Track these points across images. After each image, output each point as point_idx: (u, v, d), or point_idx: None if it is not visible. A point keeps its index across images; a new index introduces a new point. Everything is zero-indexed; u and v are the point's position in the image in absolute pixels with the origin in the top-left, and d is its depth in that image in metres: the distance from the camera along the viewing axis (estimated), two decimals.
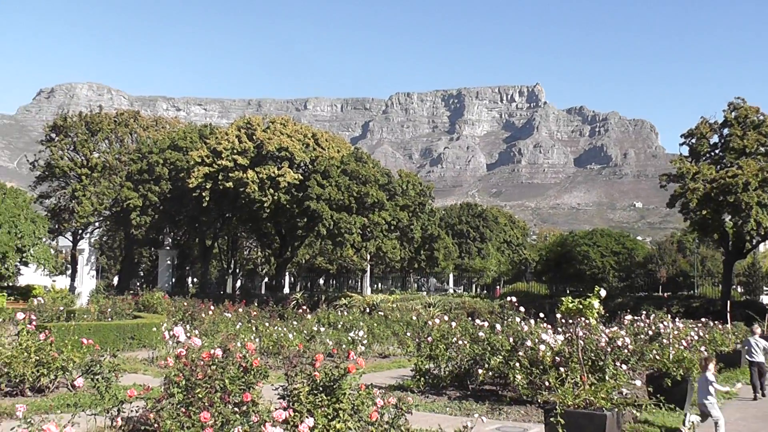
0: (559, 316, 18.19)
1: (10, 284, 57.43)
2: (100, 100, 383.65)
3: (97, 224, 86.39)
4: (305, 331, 26.57)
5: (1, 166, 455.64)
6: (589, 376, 14.71)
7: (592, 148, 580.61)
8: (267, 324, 27.96)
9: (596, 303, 12.92)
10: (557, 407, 11.85)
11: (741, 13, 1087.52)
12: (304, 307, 39.53)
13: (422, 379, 18.81)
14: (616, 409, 12.17)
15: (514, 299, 21.63)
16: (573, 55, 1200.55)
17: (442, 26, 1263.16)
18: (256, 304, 41.95)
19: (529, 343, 17.18)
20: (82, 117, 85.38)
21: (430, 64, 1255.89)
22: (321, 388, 9.25)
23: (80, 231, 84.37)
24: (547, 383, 15.63)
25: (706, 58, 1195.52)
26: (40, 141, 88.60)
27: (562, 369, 15.60)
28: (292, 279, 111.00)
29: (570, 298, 13.59)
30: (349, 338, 25.73)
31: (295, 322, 30.52)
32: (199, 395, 8.87)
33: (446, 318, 22.24)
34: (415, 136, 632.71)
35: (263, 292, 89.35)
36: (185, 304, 38.47)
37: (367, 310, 41.41)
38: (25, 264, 55.82)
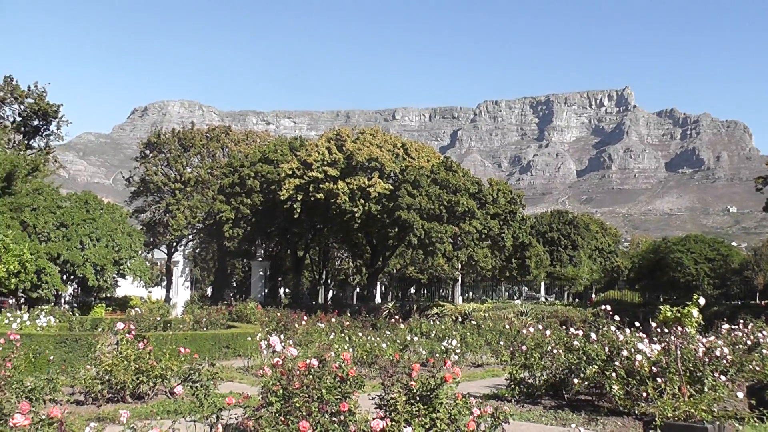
0: (654, 324, 17.89)
1: (108, 295, 58.84)
2: (191, 117, 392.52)
3: (190, 237, 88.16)
4: (398, 341, 26.61)
5: (98, 182, 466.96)
6: (688, 387, 14.42)
7: (683, 151, 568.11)
8: (360, 334, 28.08)
9: (695, 312, 12.68)
10: (656, 419, 11.64)
11: None
12: (397, 317, 39.62)
13: (517, 388, 18.58)
14: (718, 422, 11.84)
15: (608, 307, 21.31)
16: (662, 56, 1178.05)
17: (530, 32, 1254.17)
18: (348, 314, 42.15)
19: (624, 352, 16.80)
20: (175, 133, 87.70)
21: (517, 71, 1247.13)
22: (418, 398, 9.25)
23: (174, 243, 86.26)
24: (644, 394, 15.36)
25: None
26: (135, 158, 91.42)
27: (659, 380, 15.31)
28: (384, 289, 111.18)
29: (668, 306, 13.36)
30: (443, 347, 25.67)
31: (388, 332, 30.55)
32: (297, 404, 8.96)
33: (540, 326, 22.04)
34: (504, 143, 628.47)
35: (355, 302, 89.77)
36: (278, 314, 38.81)
37: (459, 319, 41.32)
38: (122, 276, 57.14)
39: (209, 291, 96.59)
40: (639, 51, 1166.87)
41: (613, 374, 16.37)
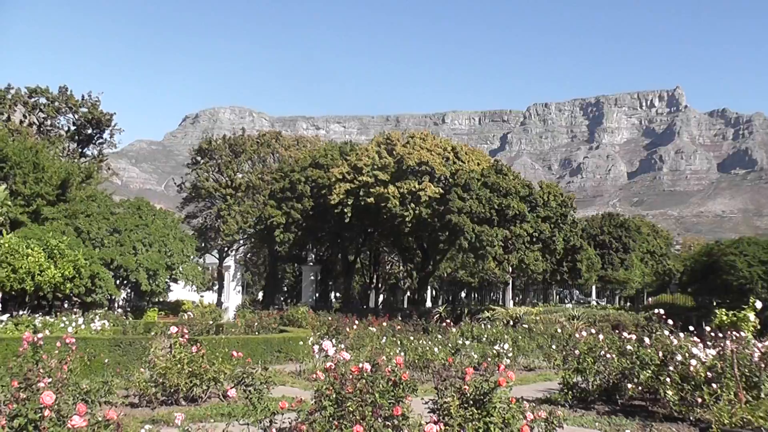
0: (708, 329, 17.61)
1: (161, 300, 59.60)
2: (242, 123, 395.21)
3: (241, 242, 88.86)
4: (450, 345, 26.52)
5: (150, 189, 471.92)
6: (745, 393, 14.20)
7: (736, 152, 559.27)
8: (411, 338, 28.07)
9: (752, 315, 12.48)
10: (713, 426, 11.49)
11: None
12: (448, 321, 39.52)
13: (570, 392, 18.36)
14: None
15: (661, 311, 21.05)
16: (714, 54, 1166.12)
17: (579, 33, 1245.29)
18: (399, 318, 42.19)
19: (679, 357, 16.52)
20: (226, 140, 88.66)
21: (567, 72, 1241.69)
22: (471, 402, 9.22)
23: (226, 248, 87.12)
24: (699, 400, 15.14)
25: None
26: (187, 164, 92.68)
27: (714, 385, 15.09)
28: (434, 292, 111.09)
29: (724, 310, 13.17)
30: (494, 351, 25.55)
31: (439, 336, 30.48)
32: (350, 408, 8.98)
33: (592, 330, 21.84)
34: (554, 146, 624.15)
35: (406, 306, 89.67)
36: (330, 318, 38.97)
37: (511, 323, 41.05)
38: (175, 281, 57.85)
39: (260, 295, 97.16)
40: (690, 49, 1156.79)
41: (668, 379, 16.10)
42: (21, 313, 35.42)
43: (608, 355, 18.47)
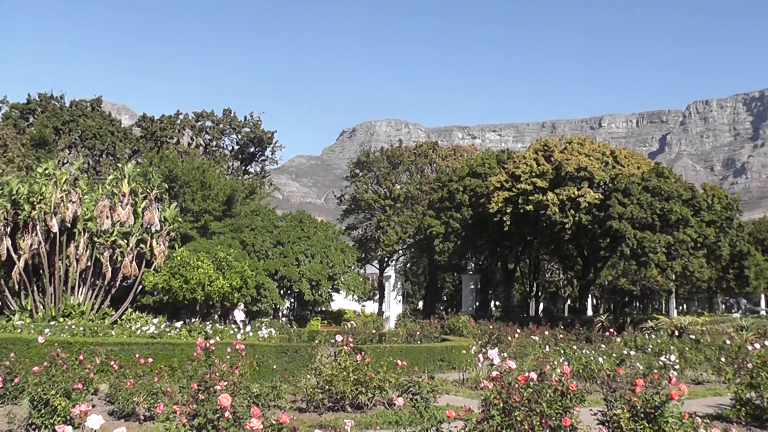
0: None
1: (324, 309, 60.92)
2: (398, 135, 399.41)
3: (401, 252, 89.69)
4: (614, 355, 26.10)
5: (310, 202, 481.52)
6: None
7: None
8: (574, 347, 27.75)
9: None
10: None
11: None
12: (611, 330, 38.92)
13: (743, 409, 17.44)
14: None
15: None
16: None
17: (739, 24, 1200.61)
18: (560, 327, 41.76)
19: None
20: (384, 152, 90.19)
21: (728, 66, 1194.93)
22: (642, 415, 9.07)
23: (386, 259, 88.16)
24: None
25: None
26: (345, 177, 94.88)
27: None
28: (595, 301, 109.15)
29: None
30: (660, 363, 24.95)
31: (602, 346, 30.04)
32: (518, 418, 8.98)
33: (766, 342, 21.00)
34: (716, 146, 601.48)
35: (566, 314, 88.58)
36: (490, 327, 38.84)
37: (675, 333, 40.03)
38: (336, 290, 59.23)
39: (420, 304, 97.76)
40: None
41: None
42: (193, 320, 36.95)
43: None
